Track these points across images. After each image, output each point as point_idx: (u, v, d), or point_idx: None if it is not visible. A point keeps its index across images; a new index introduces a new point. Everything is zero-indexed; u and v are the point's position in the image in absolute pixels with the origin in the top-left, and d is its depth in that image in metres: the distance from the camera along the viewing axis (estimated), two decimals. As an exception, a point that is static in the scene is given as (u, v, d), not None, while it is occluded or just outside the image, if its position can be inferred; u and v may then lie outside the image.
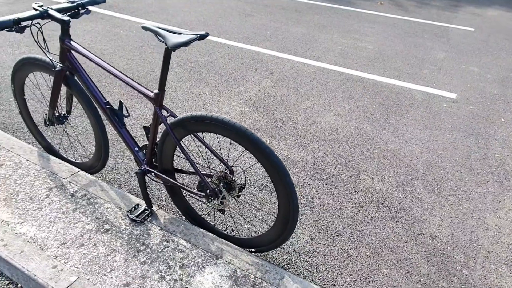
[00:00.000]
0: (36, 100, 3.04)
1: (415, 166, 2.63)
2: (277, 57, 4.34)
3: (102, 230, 1.80)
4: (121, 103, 1.83)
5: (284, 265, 1.84)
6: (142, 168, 1.84)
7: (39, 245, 1.70)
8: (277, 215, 1.61)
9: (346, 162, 2.62)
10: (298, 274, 1.80)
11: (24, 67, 2.01)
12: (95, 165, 2.16)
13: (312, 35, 5.20)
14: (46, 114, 2.08)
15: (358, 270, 1.83)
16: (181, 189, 2.08)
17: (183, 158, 1.85)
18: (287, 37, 5.04)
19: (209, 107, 3.17)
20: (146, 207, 1.90)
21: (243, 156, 2.56)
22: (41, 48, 1.77)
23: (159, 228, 1.84)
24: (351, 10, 6.71)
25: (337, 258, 1.89)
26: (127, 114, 1.81)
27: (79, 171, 2.17)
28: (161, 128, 2.66)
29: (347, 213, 2.17)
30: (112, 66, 1.70)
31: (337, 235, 2.02)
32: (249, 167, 2.44)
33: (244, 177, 1.80)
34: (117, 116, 1.82)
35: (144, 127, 1.84)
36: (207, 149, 2.52)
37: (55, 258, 1.65)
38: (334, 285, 1.76)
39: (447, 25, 6.22)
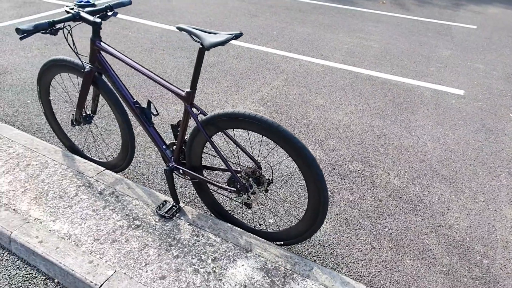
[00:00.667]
0: (62, 101, 3.09)
1: (429, 161, 2.68)
2: (285, 57, 4.40)
3: (133, 226, 1.85)
4: (149, 102, 1.88)
5: (311, 258, 1.89)
6: (170, 165, 1.89)
7: (74, 241, 1.75)
8: (307, 208, 1.66)
9: (362, 158, 2.67)
10: (325, 266, 1.85)
11: (51, 69, 2.05)
12: (120, 164, 2.21)
13: (318, 35, 5.26)
14: (73, 115, 2.13)
15: (382, 261, 1.89)
16: (209, 185, 2.14)
17: (212, 155, 1.89)
18: (293, 37, 5.10)
19: (223, 107, 3.22)
20: (174, 204, 1.95)
21: (266, 151, 2.61)
22: (72, 49, 1.81)
23: (188, 223, 1.89)
24: (354, 10, 6.78)
25: (361, 250, 1.94)
26: (156, 113, 1.86)
27: (104, 170, 2.22)
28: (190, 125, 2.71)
29: (367, 207, 2.22)
30: (142, 66, 1.75)
31: (359, 228, 2.07)
32: (279, 162, 2.49)
33: (271, 172, 1.85)
34: (146, 115, 1.87)
35: (172, 126, 1.89)
36: (234, 146, 2.57)
37: (90, 254, 1.70)
38: (360, 275, 1.81)
39: (449, 23, 6.29)
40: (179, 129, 1.79)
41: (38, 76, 2.14)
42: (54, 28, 1.63)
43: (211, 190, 1.95)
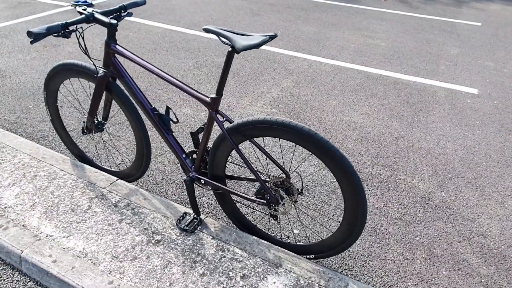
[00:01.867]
0: (69, 106, 2.95)
1: (452, 163, 2.59)
2: (292, 57, 4.28)
3: (153, 242, 1.73)
4: (168, 108, 1.76)
5: (342, 271, 1.79)
6: (191, 175, 1.78)
7: (90, 259, 1.63)
8: (342, 220, 1.55)
9: (382, 161, 2.57)
10: (358, 280, 1.74)
11: (60, 74, 1.92)
12: (134, 173, 2.08)
13: (323, 34, 5.15)
14: (83, 122, 2.00)
15: (417, 273, 1.79)
16: (234, 196, 2.03)
17: (237, 164, 1.78)
18: (298, 36, 4.99)
19: (235, 109, 3.10)
20: (195, 216, 1.83)
21: (291, 159, 2.50)
22: (84, 53, 1.68)
23: (211, 237, 1.77)
24: (357, 8, 6.68)
25: (394, 262, 1.84)
26: (176, 120, 1.74)
27: (117, 179, 2.09)
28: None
29: (394, 214, 2.12)
30: (163, 71, 1.63)
31: (389, 238, 1.97)
32: (312, 174, 2.37)
33: (301, 182, 1.75)
34: (164, 122, 1.75)
35: (192, 133, 1.77)
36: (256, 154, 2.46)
37: (109, 273, 1.58)
38: (397, 290, 1.71)
39: (454, 20, 6.22)
40: (199, 136, 1.68)
41: (45, 81, 2.01)
42: (67, 30, 1.51)
43: (235, 201, 1.83)
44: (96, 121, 1.95)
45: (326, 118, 3.07)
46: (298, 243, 1.75)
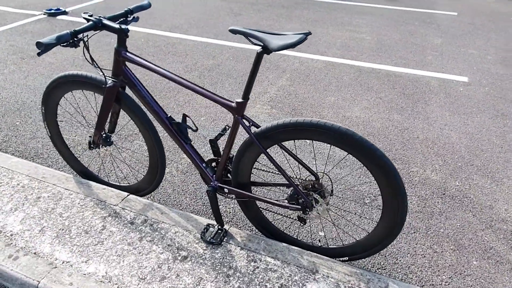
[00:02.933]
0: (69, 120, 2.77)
1: (459, 152, 2.61)
2: (282, 55, 4.24)
3: (180, 258, 1.63)
4: (185, 116, 1.66)
5: (376, 270, 1.75)
6: (213, 185, 1.69)
7: (116, 284, 1.51)
8: (380, 220, 1.51)
9: (391, 155, 2.56)
10: (394, 278, 1.71)
11: (61, 86, 1.78)
12: (146, 187, 1.97)
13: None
14: (90, 137, 1.87)
15: (449, 265, 1.77)
16: (259, 203, 1.96)
17: (262, 170, 1.71)
18: (284, 34, 4.95)
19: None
20: (219, 227, 1.75)
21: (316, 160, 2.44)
22: (90, 62, 1.56)
23: (239, 248, 1.69)
24: (337, 3, 6.71)
25: (424, 256, 1.82)
26: (195, 128, 1.65)
27: (128, 195, 1.97)
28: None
29: (415, 208, 2.11)
30: (183, 78, 1.53)
31: (414, 232, 1.95)
32: (344, 176, 2.32)
33: (331, 183, 1.69)
34: (182, 131, 1.65)
35: (211, 141, 1.68)
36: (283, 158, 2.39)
37: (139, 297, 1.47)
38: (433, 285, 1.68)
39: (431, 11, 6.35)
40: (219, 142, 1.59)
41: (44, 96, 1.86)
42: (76, 38, 1.39)
43: (260, 208, 1.76)
44: (104, 135, 1.82)
45: (327, 115, 3.04)
46: (330, 246, 1.70)
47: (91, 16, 1.50)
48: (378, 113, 3.09)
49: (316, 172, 1.57)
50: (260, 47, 1.32)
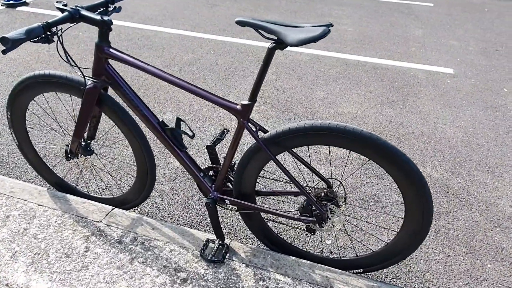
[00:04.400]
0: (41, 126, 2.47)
1: (456, 147, 2.55)
2: (265, 48, 4.06)
3: (178, 282, 1.44)
4: (179, 121, 1.46)
5: (390, 280, 1.63)
6: (213, 196, 1.51)
7: (107, 317, 1.31)
8: (401, 231, 1.38)
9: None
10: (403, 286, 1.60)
11: (30, 88, 1.53)
12: (133, 198, 1.76)
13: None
14: (67, 145, 1.63)
15: (464, 270, 1.68)
16: (264, 214, 1.79)
17: (268, 178, 1.54)
18: (264, 25, 4.76)
19: (222, 110, 2.82)
20: (220, 242, 1.57)
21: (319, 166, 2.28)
22: (65, 60, 1.33)
23: (244, 265, 1.52)
24: (312, -6, 6.58)
25: (438, 261, 1.72)
26: (191, 134, 1.45)
27: (113, 209, 1.75)
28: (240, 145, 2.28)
29: (389, 199, 2.01)
30: (180, 79, 1.33)
31: (424, 235, 1.85)
32: (364, 184, 2.17)
33: (344, 190, 1.55)
34: (176, 137, 1.45)
35: (208, 147, 1.49)
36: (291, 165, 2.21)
37: (136, 332, 1.28)
38: (451, 293, 1.59)
39: (408, 2, 6.35)
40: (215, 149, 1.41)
41: (9, 99, 1.60)
42: (49, 32, 1.15)
43: (265, 218, 1.59)
44: (83, 143, 1.59)
45: (319, 111, 2.90)
46: (343, 258, 1.56)
47: (65, 5, 1.27)
48: (370, 107, 2.99)
49: (330, 179, 1.42)
50: (273, 41, 1.14)
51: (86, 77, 1.39)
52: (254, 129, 1.34)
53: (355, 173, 2.24)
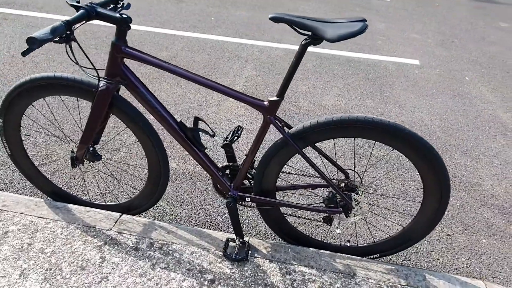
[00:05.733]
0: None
1: (435, 133, 2.72)
2: (239, 44, 4.04)
3: (206, 284, 1.42)
4: (197, 120, 1.43)
5: (402, 262, 1.72)
6: (234, 195, 1.49)
7: (140, 327, 1.26)
8: (417, 215, 1.46)
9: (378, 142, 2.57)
10: (420, 268, 1.70)
11: (29, 93, 1.42)
12: (142, 203, 1.69)
13: (257, 17, 4.98)
14: (72, 152, 1.53)
15: (464, 247, 1.82)
16: (282, 209, 1.80)
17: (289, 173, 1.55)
18: (234, 21, 4.74)
19: (210, 108, 2.78)
20: (241, 240, 1.56)
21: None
22: (75, 62, 1.24)
23: (268, 260, 1.53)
24: (275, -11, 6.64)
25: (440, 241, 1.84)
26: (212, 133, 1.42)
27: (121, 215, 1.68)
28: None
29: (414, 193, 2.14)
30: (202, 77, 1.29)
31: (423, 218, 1.97)
32: (380, 176, 2.20)
33: (360, 179, 1.60)
34: (195, 138, 1.42)
35: (225, 145, 1.48)
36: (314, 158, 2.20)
37: (173, 338, 1.24)
38: (457, 268, 1.71)
39: (366, -3, 6.62)
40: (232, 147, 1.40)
41: (2, 106, 1.47)
42: (69, 31, 1.08)
43: (283, 213, 1.61)
44: (91, 149, 1.50)
45: (304, 104, 2.96)
46: (360, 245, 1.62)
47: (78, 2, 1.18)
48: (351, 99, 3.10)
49: (353, 170, 1.47)
50: (307, 37, 1.15)
51: (100, 78, 1.31)
52: (279, 125, 1.35)
53: (376, 164, 2.32)
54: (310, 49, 4.06)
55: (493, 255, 1.78)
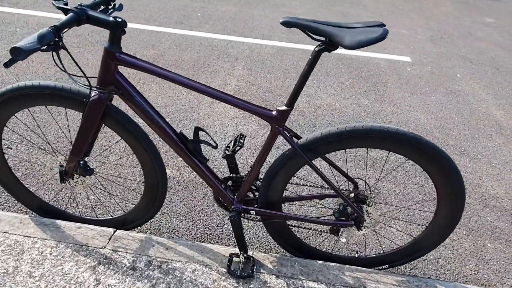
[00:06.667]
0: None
1: (431, 133, 2.69)
2: (229, 41, 3.92)
3: (211, 304, 1.33)
4: (197, 130, 1.33)
5: (409, 272, 1.67)
6: (238, 208, 1.41)
7: None
8: (430, 225, 1.41)
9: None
10: (429, 277, 1.65)
11: (12, 103, 1.28)
12: (138, 217, 1.58)
13: (245, 13, 4.86)
14: (61, 166, 1.40)
15: (470, 252, 1.78)
16: (289, 222, 1.72)
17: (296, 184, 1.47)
18: (221, 17, 4.60)
19: (202, 110, 2.67)
20: (245, 255, 1.48)
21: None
22: (63, 69, 1.12)
23: (274, 276, 1.45)
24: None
25: (446, 247, 1.80)
26: (214, 145, 1.33)
27: (115, 231, 1.57)
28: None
29: (416, 196, 2.09)
30: (208, 87, 1.19)
31: (427, 223, 1.93)
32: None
33: (369, 190, 1.53)
34: (196, 150, 1.32)
35: (228, 155, 1.38)
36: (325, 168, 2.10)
37: None
38: (465, 276, 1.67)
39: (353, -8, 6.57)
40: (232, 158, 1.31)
41: (-20, 117, 1.33)
42: (58, 38, 0.96)
43: (289, 226, 1.53)
44: (82, 162, 1.38)
45: (299, 105, 2.88)
46: (368, 256, 1.56)
47: (66, 4, 1.06)
48: (345, 99, 3.04)
49: (363, 180, 1.40)
50: (321, 42, 1.07)
51: (92, 87, 1.19)
52: (288, 135, 1.26)
53: (388, 176, 2.26)
54: (300, 46, 3.98)
55: (500, 260, 1.76)
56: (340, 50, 3.96)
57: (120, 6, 1.25)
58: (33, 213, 1.72)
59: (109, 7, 1.22)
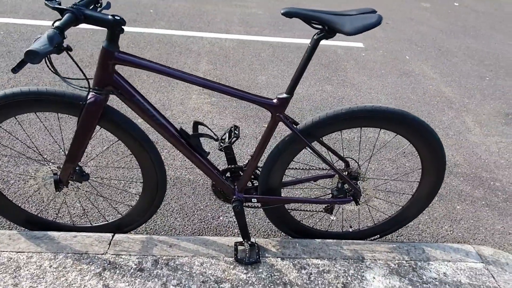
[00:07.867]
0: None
1: (393, 112, 2.89)
2: (188, 37, 3.87)
3: (226, 293, 1.36)
4: (196, 124, 1.34)
5: (396, 238, 1.82)
6: (240, 197, 1.44)
7: None
8: (415, 194, 1.55)
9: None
10: (413, 241, 1.81)
11: (2, 110, 1.20)
12: (135, 219, 1.57)
13: (198, 8, 4.81)
14: (55, 174, 1.34)
15: (444, 215, 1.97)
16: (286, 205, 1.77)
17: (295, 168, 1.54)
18: (175, 13, 4.52)
19: (174, 107, 2.64)
20: (250, 242, 1.52)
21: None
22: (54, 71, 1.08)
23: (280, 258, 1.52)
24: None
25: (423, 213, 1.97)
26: (216, 137, 1.34)
27: (113, 235, 1.54)
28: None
29: (390, 170, 2.26)
30: (209, 80, 1.20)
31: (403, 193, 2.10)
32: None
33: (358, 167, 1.63)
34: (197, 144, 1.33)
35: (225, 147, 1.42)
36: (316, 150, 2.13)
37: None
38: (444, 236, 1.85)
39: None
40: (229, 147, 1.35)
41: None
42: (64, 38, 0.92)
43: (288, 209, 1.59)
44: (77, 169, 1.33)
45: (268, 95, 2.95)
46: (362, 229, 1.68)
47: (60, 4, 1.02)
48: (311, 86, 3.16)
49: (357, 159, 1.50)
50: (319, 30, 1.13)
51: (90, 90, 1.15)
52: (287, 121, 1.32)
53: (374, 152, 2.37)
54: (259, 38, 4.04)
55: (469, 219, 1.97)
56: (298, 40, 4.08)
57: (108, 4, 1.22)
58: (19, 227, 1.63)
59: (97, 5, 1.19)
